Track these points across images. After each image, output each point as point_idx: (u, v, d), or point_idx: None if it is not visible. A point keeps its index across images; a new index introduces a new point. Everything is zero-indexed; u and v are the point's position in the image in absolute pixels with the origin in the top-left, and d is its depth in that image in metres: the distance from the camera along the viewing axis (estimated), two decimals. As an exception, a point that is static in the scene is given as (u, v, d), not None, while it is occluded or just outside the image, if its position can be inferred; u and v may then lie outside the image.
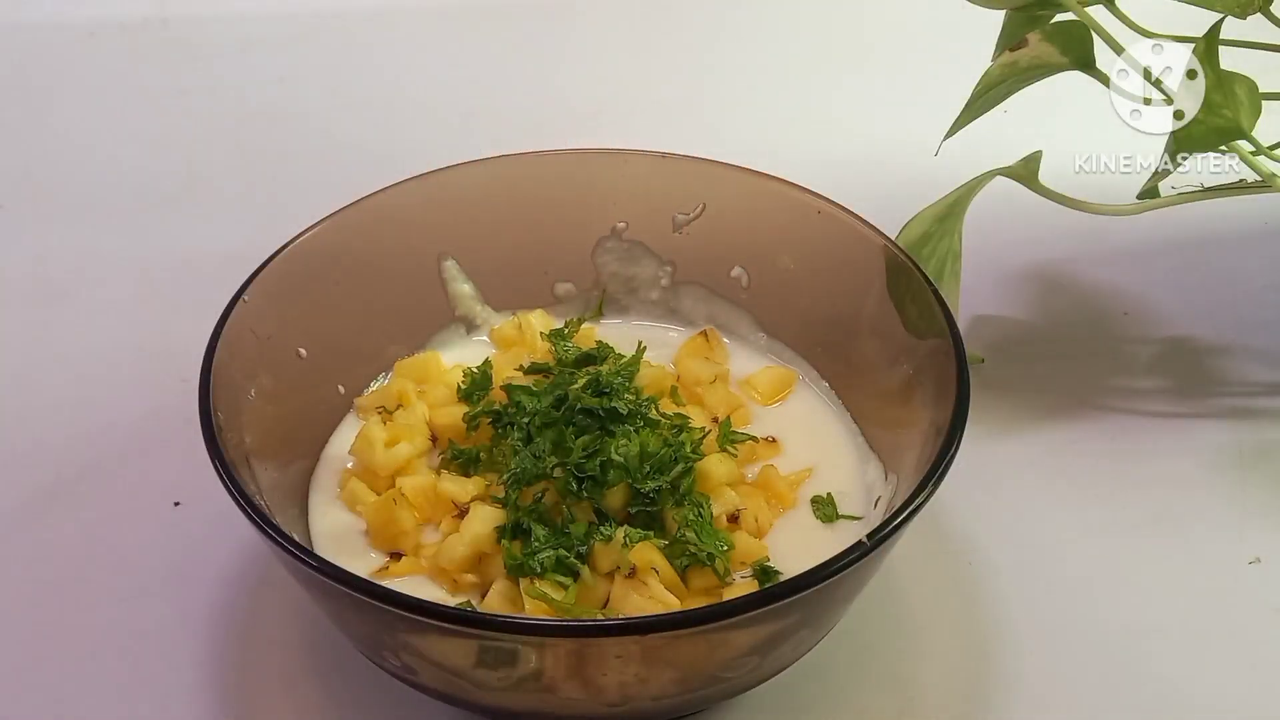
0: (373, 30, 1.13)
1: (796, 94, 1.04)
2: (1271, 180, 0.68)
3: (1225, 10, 0.65)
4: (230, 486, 0.53)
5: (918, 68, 1.03)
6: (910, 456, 0.59)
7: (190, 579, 0.65)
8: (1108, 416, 0.74)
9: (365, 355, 0.69)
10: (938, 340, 0.60)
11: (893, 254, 0.64)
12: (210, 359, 0.58)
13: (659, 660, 0.50)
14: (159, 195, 0.94)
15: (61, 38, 1.11)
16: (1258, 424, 0.73)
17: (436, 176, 0.70)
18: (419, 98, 1.05)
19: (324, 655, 0.61)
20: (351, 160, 0.95)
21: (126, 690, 0.60)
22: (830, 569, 0.49)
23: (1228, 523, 0.68)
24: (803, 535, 0.61)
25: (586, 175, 0.72)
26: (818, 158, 0.89)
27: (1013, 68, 0.72)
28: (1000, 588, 0.64)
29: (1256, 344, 0.78)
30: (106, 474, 0.71)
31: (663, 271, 0.73)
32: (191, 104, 1.04)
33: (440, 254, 0.71)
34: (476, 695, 0.53)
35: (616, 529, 0.57)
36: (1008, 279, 0.84)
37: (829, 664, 0.60)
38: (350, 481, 0.63)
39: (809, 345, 0.70)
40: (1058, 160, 0.74)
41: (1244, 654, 0.62)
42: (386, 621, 0.50)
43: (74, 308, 0.84)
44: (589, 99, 1.03)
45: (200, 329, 0.59)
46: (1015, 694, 0.60)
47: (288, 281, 0.64)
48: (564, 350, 0.68)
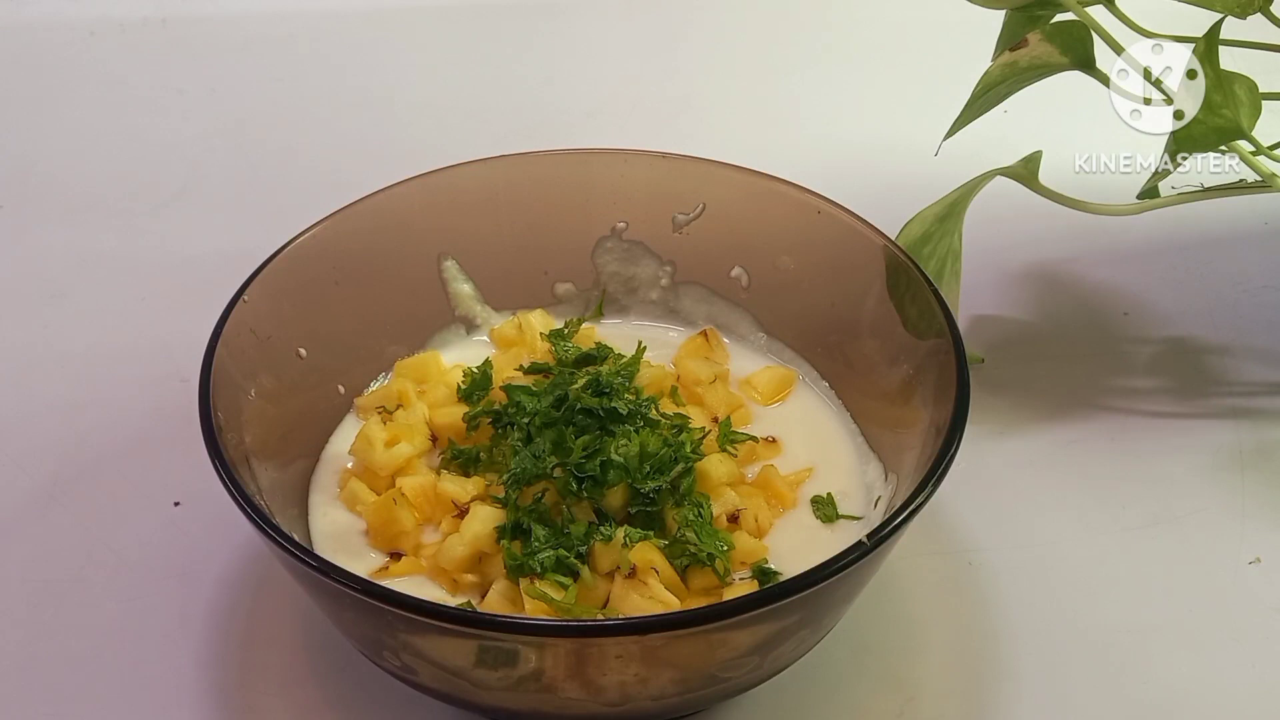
0: (373, 30, 1.13)
1: (797, 94, 1.04)
2: (1271, 180, 0.68)
3: (1225, 10, 0.65)
4: (230, 486, 0.53)
5: (918, 68, 1.03)
6: (910, 456, 0.59)
7: (190, 579, 0.65)
8: (1108, 416, 0.74)
9: (365, 355, 0.69)
10: (938, 340, 0.60)
11: (893, 254, 0.64)
12: (210, 359, 0.57)
13: (659, 660, 0.50)
14: (159, 195, 0.94)
15: (61, 38, 1.11)
16: (1258, 424, 0.73)
17: (436, 176, 0.69)
18: (419, 98, 1.05)
19: (324, 655, 0.61)
20: (351, 160, 0.95)
21: (126, 690, 0.60)
22: (830, 569, 0.49)
23: (1228, 523, 0.68)
24: (803, 535, 0.61)
25: (586, 175, 0.72)
26: (818, 158, 0.89)
27: (1013, 68, 0.72)
28: (1000, 587, 0.64)
29: (1256, 344, 0.78)
30: (106, 474, 0.71)
31: (663, 271, 0.73)
32: (191, 104, 1.04)
33: (440, 254, 0.71)
34: (476, 695, 0.53)
35: (616, 529, 0.57)
36: (1008, 279, 0.84)
37: (829, 664, 0.60)
38: (350, 481, 0.63)
39: (809, 345, 0.70)
40: (1058, 160, 0.74)
41: (1244, 654, 0.62)
42: (386, 621, 0.50)
43: (74, 308, 0.84)
44: (589, 99, 1.03)
45: (200, 329, 0.59)
46: (1015, 694, 0.60)
47: (288, 281, 0.64)
48: (564, 350, 0.68)
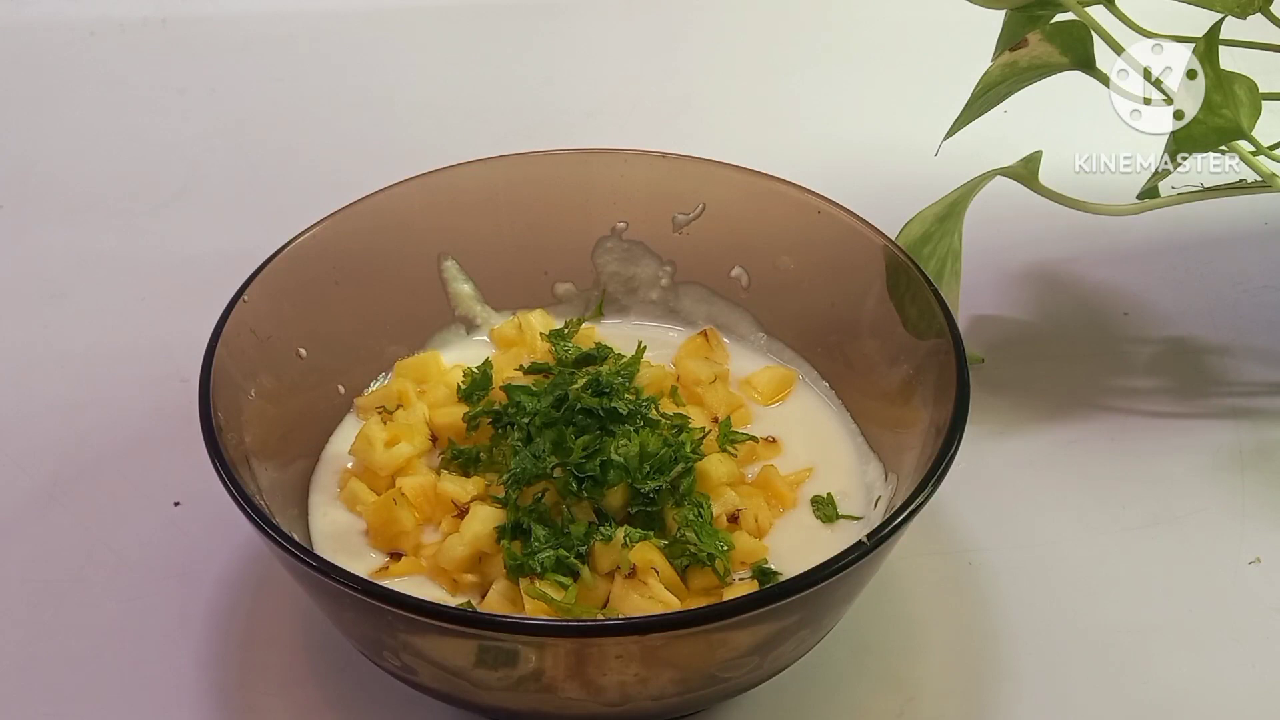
0: (373, 30, 1.13)
1: (797, 94, 1.04)
2: (1271, 180, 0.68)
3: (1225, 10, 0.65)
4: (230, 486, 0.53)
5: (918, 68, 1.03)
6: (910, 456, 0.59)
7: (190, 579, 0.65)
8: (1108, 416, 0.74)
9: (365, 355, 0.69)
10: (938, 340, 0.60)
11: (893, 254, 0.64)
12: (210, 359, 0.57)
13: (659, 660, 0.50)
14: (159, 195, 0.94)
15: (61, 38, 1.11)
16: (1258, 424, 0.73)
17: (436, 176, 0.69)
18: (419, 98, 1.05)
19: (324, 655, 0.61)
20: (351, 160, 0.95)
21: (126, 690, 0.60)
22: (830, 569, 0.49)
23: (1228, 523, 0.68)
24: (803, 535, 0.61)
25: (586, 175, 0.72)
26: (818, 158, 0.89)
27: (1013, 68, 0.72)
28: (1000, 587, 0.64)
29: (1256, 344, 0.78)
30: (106, 474, 0.71)
31: (663, 271, 0.73)
32: (191, 104, 1.04)
33: (440, 254, 0.71)
34: (476, 695, 0.53)
35: (616, 529, 0.57)
36: (1008, 279, 0.84)
37: (829, 664, 0.60)
38: (350, 481, 0.63)
39: (809, 345, 0.70)
40: (1058, 160, 0.74)
41: (1244, 654, 0.62)
42: (386, 621, 0.50)
43: (74, 308, 0.84)
44: (589, 99, 1.03)
45: (200, 329, 0.59)
46: (1015, 694, 0.60)
47: (288, 281, 0.64)
48: (564, 350, 0.68)
